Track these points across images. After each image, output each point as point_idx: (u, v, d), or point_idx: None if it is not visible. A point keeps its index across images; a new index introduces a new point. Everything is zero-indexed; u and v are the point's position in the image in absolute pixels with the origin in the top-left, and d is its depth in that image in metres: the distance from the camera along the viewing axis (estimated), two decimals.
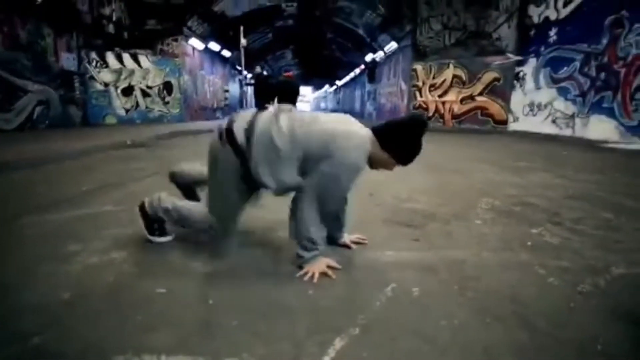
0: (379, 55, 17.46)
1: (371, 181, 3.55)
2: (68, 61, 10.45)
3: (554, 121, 9.15)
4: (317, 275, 1.57)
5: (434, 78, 12.78)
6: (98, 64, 11.30)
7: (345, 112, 27.17)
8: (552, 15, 9.27)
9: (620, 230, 2.28)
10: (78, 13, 10.09)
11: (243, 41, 11.50)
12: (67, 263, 1.73)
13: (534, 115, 9.96)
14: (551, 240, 2.09)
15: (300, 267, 1.63)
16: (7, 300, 1.39)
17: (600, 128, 7.54)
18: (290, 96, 7.89)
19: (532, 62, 10.07)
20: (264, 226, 2.24)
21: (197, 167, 2.16)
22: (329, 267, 1.62)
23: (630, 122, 6.95)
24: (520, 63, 10.58)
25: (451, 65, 12.27)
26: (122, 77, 11.55)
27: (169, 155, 5.56)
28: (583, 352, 1.14)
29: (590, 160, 5.40)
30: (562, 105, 8.90)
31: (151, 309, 1.34)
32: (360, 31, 17.23)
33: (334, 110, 41.60)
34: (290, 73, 9.43)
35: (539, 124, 9.67)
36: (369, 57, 19.16)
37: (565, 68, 8.78)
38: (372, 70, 20.05)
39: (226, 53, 17.21)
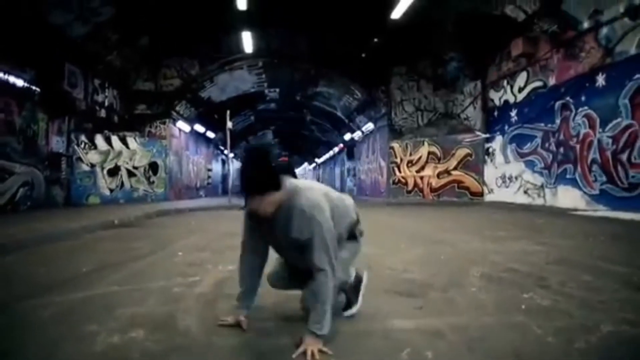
0: (357, 134, 18.65)
1: (366, 255, 3.73)
2: (57, 144, 10.69)
3: (525, 192, 9.80)
4: (316, 353, 1.55)
5: (410, 155, 13.66)
6: (86, 146, 11.58)
7: None
8: (511, 99, 10.46)
9: (601, 291, 2.48)
10: (73, 101, 10.61)
11: (229, 124, 12.19)
12: (88, 343, 1.76)
13: (507, 186, 10.64)
14: (542, 303, 2.26)
15: (297, 346, 1.62)
16: None
17: (568, 197, 8.13)
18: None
19: (499, 139, 11.05)
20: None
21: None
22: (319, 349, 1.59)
23: (592, 191, 7.57)
24: (489, 140, 11.57)
25: (426, 143, 13.23)
26: (110, 157, 11.80)
27: (161, 234, 5.60)
28: None
29: (564, 227, 5.78)
30: (530, 177, 9.62)
31: None
32: (339, 113, 18.58)
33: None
34: (286, 158, 10.65)
35: (512, 195, 10.30)
36: (347, 137, 20.38)
37: (528, 144, 9.68)
38: (351, 149, 21.18)
39: (210, 134, 17.99)
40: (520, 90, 10.00)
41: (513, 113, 10.34)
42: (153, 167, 12.36)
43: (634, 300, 2.29)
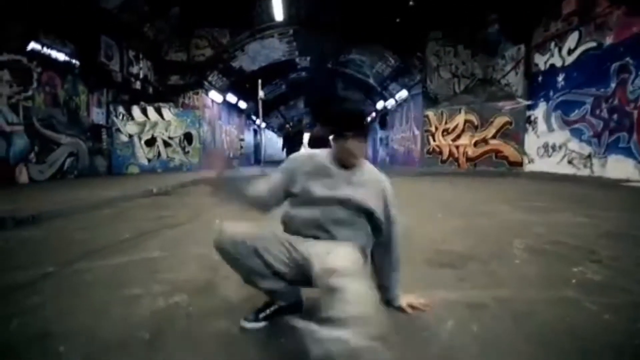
0: (390, 102, 18.09)
1: (403, 225, 3.64)
2: (98, 115, 11.10)
3: (570, 161, 9.23)
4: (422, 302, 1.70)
5: (446, 123, 13.14)
6: (124, 117, 11.95)
7: None
8: (558, 63, 9.68)
9: None
10: (110, 73, 10.87)
11: (261, 93, 12.15)
12: (135, 306, 1.83)
13: (549, 156, 10.06)
14: (594, 278, 2.12)
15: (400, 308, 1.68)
16: (96, 339, 1.49)
17: (619, 167, 7.58)
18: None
19: (543, 105, 10.35)
20: None
21: None
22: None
23: None
24: (531, 107, 10.88)
25: (462, 111, 12.65)
26: (146, 128, 12.15)
27: (197, 203, 5.74)
28: None
29: (614, 199, 5.42)
30: (577, 146, 9.02)
31: (229, 349, 1.42)
32: (371, 81, 18.01)
33: None
34: (318, 129, 11.39)
35: (555, 165, 9.75)
36: (380, 105, 19.83)
37: (576, 111, 9.01)
38: (384, 118, 20.64)
39: (242, 104, 18.05)
40: (570, 52, 9.20)
41: (560, 78, 9.58)
42: (187, 137, 12.63)
43: None
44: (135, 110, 12.04)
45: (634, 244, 2.85)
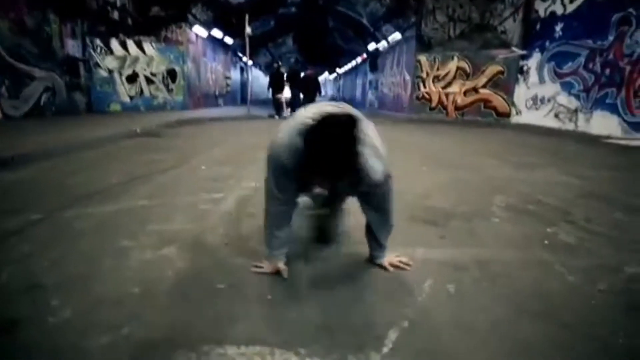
0: (382, 44, 17.39)
1: None
2: (73, 48, 10.41)
3: (556, 115, 9.27)
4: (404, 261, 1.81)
5: (437, 69, 12.82)
6: (102, 51, 11.25)
7: (345, 100, 26.92)
8: (559, 10, 9.30)
9: (630, 230, 2.43)
10: (83, 0, 10.02)
11: (248, 30, 11.45)
12: (124, 258, 1.86)
13: (537, 109, 10.07)
14: (567, 239, 2.24)
15: (382, 266, 1.79)
16: (87, 293, 1.53)
17: (604, 123, 7.67)
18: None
19: (537, 56, 10.12)
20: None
21: None
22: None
23: (633, 118, 7.09)
24: (525, 57, 10.63)
25: (455, 57, 12.30)
26: (127, 64, 11.52)
27: (184, 146, 5.66)
28: (607, 346, 1.29)
29: (596, 157, 5.56)
30: (565, 100, 9.01)
31: (216, 303, 1.48)
32: (364, 20, 17.10)
33: (333, 98, 41.42)
34: (312, 72, 11.52)
35: (542, 118, 9.79)
36: (371, 47, 19.06)
37: (570, 63, 8.86)
38: (374, 60, 19.97)
39: (228, 40, 17.09)
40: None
41: (558, 27, 9.27)
42: (171, 74, 12.07)
43: None
44: (114, 44, 11.30)
45: (607, 205, 2.98)
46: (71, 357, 1.18)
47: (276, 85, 12.13)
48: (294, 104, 11.80)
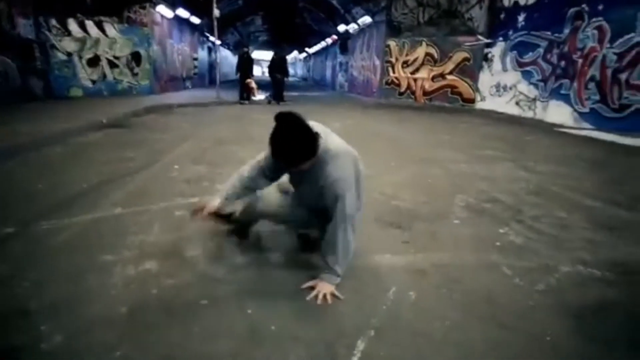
0: (353, 27, 17.33)
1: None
2: (25, 28, 9.74)
3: (517, 103, 9.74)
4: (329, 297, 1.77)
5: (406, 55, 13.01)
6: (59, 32, 10.59)
7: (315, 81, 26.64)
8: (522, 1, 9.63)
9: (570, 228, 2.74)
10: None
11: (216, 12, 11.11)
12: (107, 275, 1.94)
13: (500, 96, 10.52)
14: (516, 240, 2.51)
15: (312, 288, 1.82)
16: (75, 316, 1.61)
17: (559, 112, 8.18)
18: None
19: (501, 45, 10.50)
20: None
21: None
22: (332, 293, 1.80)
23: (582, 109, 7.60)
24: (489, 45, 10.99)
25: (424, 43, 12.51)
26: (87, 46, 10.92)
27: (153, 140, 5.57)
28: (540, 346, 1.54)
29: (549, 148, 5.97)
30: (525, 89, 9.48)
31: (202, 320, 1.61)
32: (334, 2, 16.93)
33: (304, 79, 40.94)
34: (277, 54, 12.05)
35: (504, 105, 10.26)
36: (342, 28, 18.94)
37: (530, 53, 9.28)
38: (345, 42, 19.89)
39: (195, 20, 16.47)
40: None
41: (521, 17, 9.63)
42: (135, 57, 11.57)
43: (594, 240, 2.54)
44: (72, 24, 10.66)
45: (554, 202, 3.29)
46: None
47: (246, 70, 11.95)
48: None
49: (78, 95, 10.97)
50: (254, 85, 12.23)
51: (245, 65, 11.97)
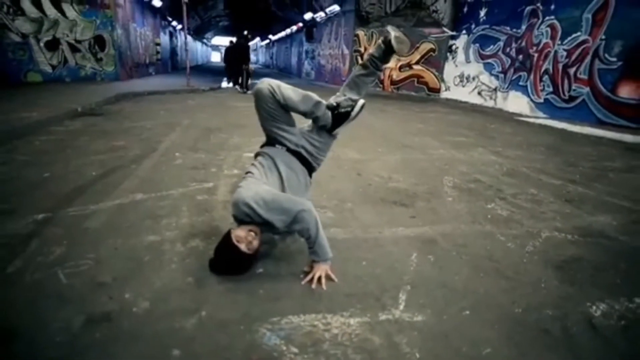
0: (320, 15, 17.47)
1: (353, 160, 4.24)
2: None
3: (479, 93, 10.48)
4: (324, 280, 1.89)
5: (374, 44, 13.40)
6: (10, 11, 9.90)
7: (280, 68, 26.42)
8: None
9: (542, 202, 3.23)
10: None
11: None
12: (159, 252, 2.13)
13: (463, 86, 11.23)
14: (502, 213, 2.95)
15: (306, 272, 1.96)
16: (150, 285, 1.81)
17: (517, 102, 8.94)
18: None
19: (464, 37, 11.16)
20: None
21: None
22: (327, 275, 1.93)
23: (538, 99, 8.39)
24: (454, 37, 11.63)
25: None
26: (44, 27, 10.31)
27: (138, 129, 5.54)
28: (536, 288, 1.95)
29: (512, 135, 6.61)
30: (487, 79, 10.21)
31: (263, 285, 1.87)
32: None
33: (266, 66, 40.38)
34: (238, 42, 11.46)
35: (467, 94, 10.97)
36: (308, 16, 19.01)
37: (491, 46, 9.99)
38: (311, 30, 19.98)
39: (157, 2, 15.86)
40: None
41: (483, 12, 10.31)
42: (99, 41, 11.09)
43: (562, 212, 3.04)
44: (25, 3, 10.00)
45: (526, 182, 3.81)
46: (169, 339, 1.50)
47: (246, 57, 11.87)
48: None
49: (37, 81, 10.40)
50: (252, 70, 12.20)
51: (245, 52, 11.85)
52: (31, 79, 10.36)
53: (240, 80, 12.05)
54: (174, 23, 21.03)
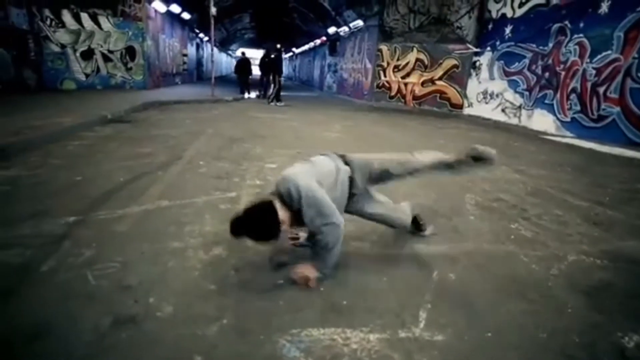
0: (344, 29, 17.69)
1: None
2: (19, 18, 9.61)
3: (503, 110, 10.33)
4: (310, 282, 1.96)
5: (398, 60, 13.47)
6: (53, 23, 10.48)
7: (302, 81, 26.75)
8: (509, 13, 10.23)
9: (568, 224, 3.14)
10: None
11: (213, 9, 11.23)
12: (183, 258, 2.19)
13: (487, 102, 11.10)
14: (526, 234, 2.89)
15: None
16: (173, 291, 1.86)
17: (542, 121, 8.77)
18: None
19: (488, 54, 11.09)
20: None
21: None
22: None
23: (565, 118, 8.21)
24: (478, 54, 11.57)
25: (415, 49, 13.00)
26: (81, 38, 10.84)
27: (164, 137, 5.71)
28: (561, 313, 1.90)
29: (537, 153, 6.47)
30: (511, 96, 10.07)
31: (284, 295, 1.89)
32: (326, 4, 17.26)
33: (289, 78, 41.06)
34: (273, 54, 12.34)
35: (490, 111, 10.84)
36: (332, 30, 19.29)
37: (516, 63, 9.87)
38: (334, 44, 20.24)
39: (186, 15, 16.44)
40: (521, 5, 9.76)
41: (508, 29, 10.23)
42: (130, 51, 11.56)
43: (589, 234, 2.95)
44: (66, 16, 10.57)
45: (550, 201, 3.71)
46: (191, 345, 1.54)
47: (276, 69, 12.20)
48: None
49: (71, 88, 10.88)
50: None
51: (279, 64, 12.15)
52: (66, 87, 10.86)
53: (271, 91, 12.28)
54: (201, 35, 21.70)
